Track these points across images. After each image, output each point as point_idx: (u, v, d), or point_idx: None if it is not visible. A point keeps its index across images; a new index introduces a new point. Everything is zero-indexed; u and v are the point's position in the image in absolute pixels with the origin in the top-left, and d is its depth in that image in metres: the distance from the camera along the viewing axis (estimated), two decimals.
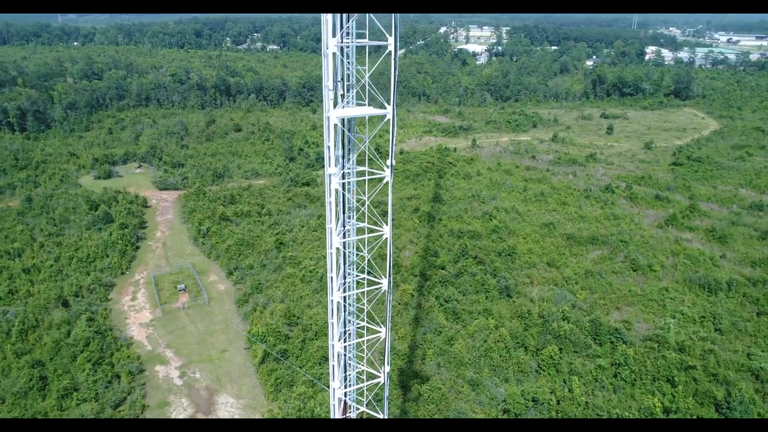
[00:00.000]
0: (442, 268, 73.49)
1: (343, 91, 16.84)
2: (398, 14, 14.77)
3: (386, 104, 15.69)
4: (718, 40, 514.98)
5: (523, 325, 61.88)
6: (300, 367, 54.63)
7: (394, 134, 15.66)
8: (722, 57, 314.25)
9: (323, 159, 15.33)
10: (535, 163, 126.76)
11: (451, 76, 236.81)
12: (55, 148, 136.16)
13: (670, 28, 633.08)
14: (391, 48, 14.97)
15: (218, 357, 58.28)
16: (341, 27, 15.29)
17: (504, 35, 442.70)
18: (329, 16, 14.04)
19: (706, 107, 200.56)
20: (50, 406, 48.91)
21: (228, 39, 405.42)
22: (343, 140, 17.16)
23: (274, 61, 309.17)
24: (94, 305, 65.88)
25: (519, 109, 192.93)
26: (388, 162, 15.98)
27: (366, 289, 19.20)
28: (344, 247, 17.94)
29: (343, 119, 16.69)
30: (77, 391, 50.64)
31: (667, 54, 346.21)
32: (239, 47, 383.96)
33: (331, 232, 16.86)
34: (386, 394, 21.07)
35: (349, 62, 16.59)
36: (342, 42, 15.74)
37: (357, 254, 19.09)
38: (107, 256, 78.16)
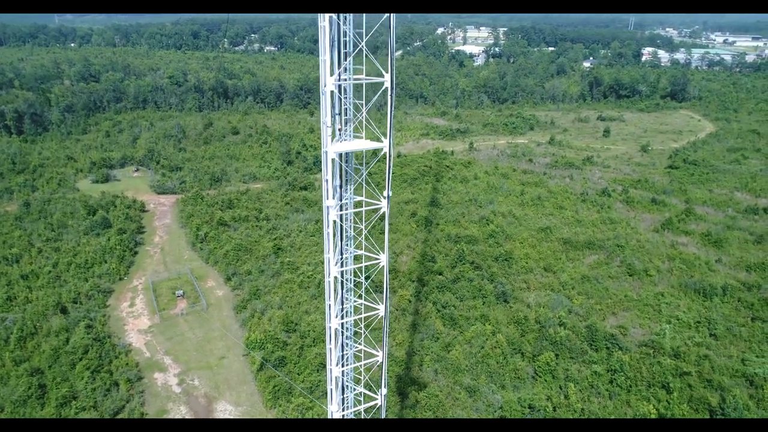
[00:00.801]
0: (440, 274, 73.85)
1: (341, 125, 17.16)
2: (394, 54, 15.07)
3: (382, 137, 16.02)
4: (715, 40, 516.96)
5: (520, 331, 62.28)
6: (298, 374, 54.90)
7: (391, 166, 15.99)
8: (718, 58, 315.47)
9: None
10: (532, 167, 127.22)
11: (449, 78, 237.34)
12: (52, 152, 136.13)
13: (667, 29, 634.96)
14: (387, 85, 15.30)
15: (217, 364, 58.52)
16: (339, 65, 15.60)
17: (501, 36, 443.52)
18: (327, 56, 14.39)
19: (702, 109, 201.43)
20: (49, 414, 49.10)
21: (226, 40, 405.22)
22: (341, 172, 17.45)
23: (272, 62, 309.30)
24: (92, 312, 66.04)
25: (516, 111, 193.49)
26: (385, 193, 16.31)
27: (363, 315, 19.51)
28: (342, 276, 18.28)
29: (341, 153, 17.02)
30: (76, 400, 50.83)
31: (663, 55, 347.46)
32: (236, 48, 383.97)
33: (329, 262, 17.19)
34: (383, 415, 21.33)
35: (346, 98, 16.91)
36: (339, 80, 16.04)
37: (354, 280, 19.41)
38: (105, 262, 78.30)
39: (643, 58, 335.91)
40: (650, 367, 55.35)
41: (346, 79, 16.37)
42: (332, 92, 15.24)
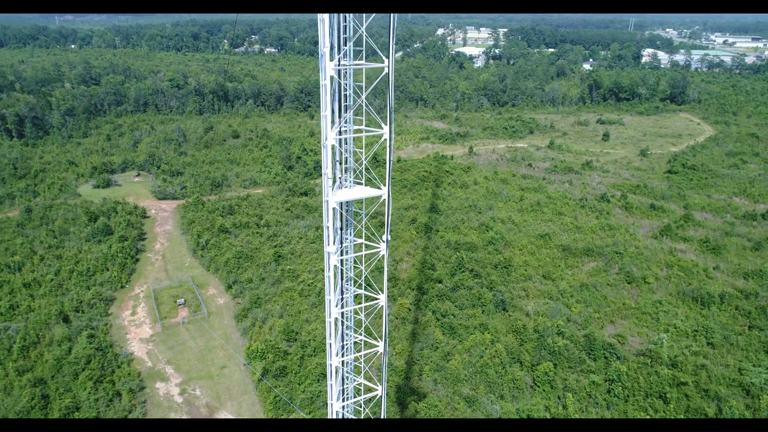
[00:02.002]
0: (439, 282, 74.33)
1: (342, 173, 17.66)
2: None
3: (381, 186, 16.51)
4: (714, 41, 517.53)
5: (519, 340, 62.78)
6: (299, 384, 55.40)
7: (389, 210, 16.45)
8: (718, 60, 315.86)
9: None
10: (532, 171, 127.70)
11: (448, 81, 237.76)
12: (53, 156, 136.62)
13: (667, 30, 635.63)
14: (386, 136, 15.80)
15: (218, 373, 59.02)
16: (339, 118, 16.07)
17: (501, 37, 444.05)
18: (328, 111, 14.87)
19: (701, 112, 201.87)
20: None
21: (226, 41, 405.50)
22: (341, 216, 17.95)
23: (272, 64, 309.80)
24: (94, 320, 66.55)
25: (516, 114, 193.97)
26: (384, 237, 16.80)
27: (363, 353, 19.96)
28: (342, 317, 18.77)
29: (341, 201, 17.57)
30: (79, 410, 51.34)
31: (663, 56, 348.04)
32: (237, 50, 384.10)
33: (329, 303, 17.67)
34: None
35: (346, 149, 17.37)
36: (340, 133, 16.57)
37: (354, 317, 19.93)
38: (107, 270, 78.81)
39: (643, 60, 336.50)
40: (648, 377, 55.85)
41: (346, 131, 16.90)
42: (333, 146, 15.77)
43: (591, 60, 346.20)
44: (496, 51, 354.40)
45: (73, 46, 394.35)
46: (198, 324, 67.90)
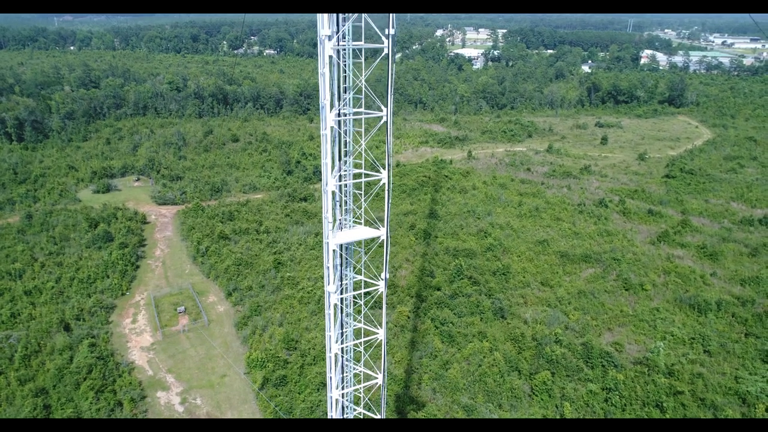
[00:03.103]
0: (438, 289, 74.81)
1: (341, 214, 18.12)
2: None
3: (380, 225, 16.98)
4: (713, 42, 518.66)
5: (517, 348, 63.26)
6: (299, 393, 55.85)
7: (388, 251, 16.91)
8: (716, 62, 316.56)
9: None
10: (530, 176, 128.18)
11: (447, 84, 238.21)
12: (53, 160, 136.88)
13: (666, 30, 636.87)
14: (384, 180, 16.25)
15: (218, 382, 59.46)
16: (339, 161, 16.48)
17: (500, 38, 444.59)
18: (329, 159, 15.35)
19: (699, 115, 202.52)
20: None
21: (225, 43, 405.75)
22: (341, 258, 18.39)
23: (271, 66, 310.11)
24: (95, 329, 66.98)
25: (515, 117, 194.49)
26: (383, 275, 17.27)
27: (363, 385, 20.40)
28: (342, 352, 19.25)
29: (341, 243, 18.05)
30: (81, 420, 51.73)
31: (661, 58, 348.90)
32: (236, 52, 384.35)
33: (330, 339, 18.13)
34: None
35: (346, 197, 17.86)
36: (340, 180, 17.05)
37: (354, 350, 20.38)
38: (108, 277, 79.20)
39: (642, 61, 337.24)
40: (644, 386, 56.35)
41: (346, 175, 17.34)
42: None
43: (590, 62, 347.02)
44: (495, 53, 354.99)
45: (72, 47, 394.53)
46: (198, 332, 68.32)
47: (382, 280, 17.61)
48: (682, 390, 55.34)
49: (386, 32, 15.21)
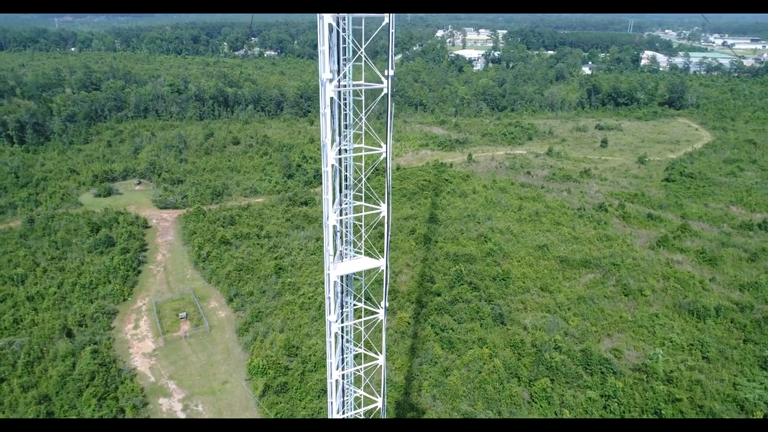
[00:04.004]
0: (438, 295, 75.16)
1: (342, 245, 18.56)
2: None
3: (379, 256, 17.37)
4: (713, 43, 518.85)
5: (517, 354, 63.62)
6: (300, 400, 56.24)
7: (387, 282, 17.28)
8: (716, 64, 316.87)
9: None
10: (530, 179, 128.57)
11: (448, 86, 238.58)
12: (54, 164, 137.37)
13: (666, 31, 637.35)
14: (383, 213, 16.66)
15: (220, 389, 59.85)
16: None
17: (500, 39, 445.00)
18: (330, 195, 15.74)
19: (699, 117, 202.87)
20: None
21: (225, 44, 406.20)
22: (342, 291, 18.81)
23: (272, 67, 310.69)
24: (97, 335, 67.36)
25: (515, 119, 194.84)
26: (382, 303, 17.65)
27: (362, 409, 20.81)
28: (343, 378, 19.67)
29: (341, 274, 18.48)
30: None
31: (662, 59, 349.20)
32: (236, 53, 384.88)
33: (331, 366, 18.52)
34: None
35: (347, 232, 18.28)
36: (340, 215, 17.43)
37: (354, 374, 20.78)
38: (109, 282, 79.59)
39: (642, 62, 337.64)
40: (643, 393, 56.71)
41: (346, 209, 17.78)
42: (334, 227, 16.56)
43: (590, 63, 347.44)
44: (496, 54, 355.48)
45: (73, 48, 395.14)
46: (200, 338, 68.73)
47: (382, 308, 18.00)
48: (680, 397, 55.70)
49: (386, 73, 15.64)
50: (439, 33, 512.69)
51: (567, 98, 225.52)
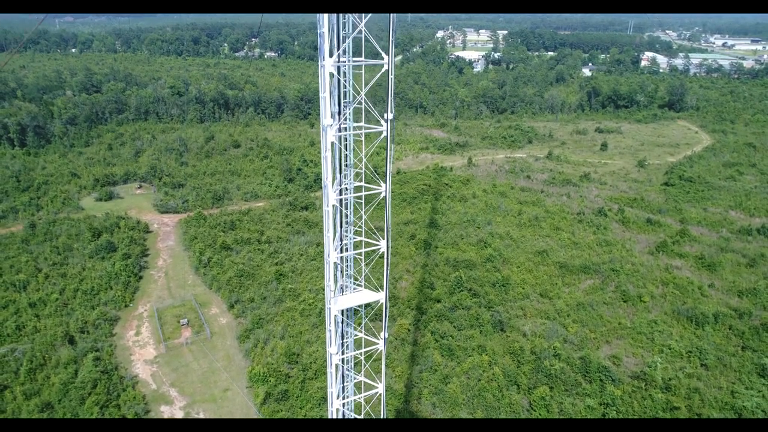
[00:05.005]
0: (438, 301, 75.54)
1: (342, 277, 18.95)
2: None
3: (379, 289, 17.75)
4: (714, 44, 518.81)
5: (516, 362, 64.01)
6: (300, 408, 56.64)
7: (387, 314, 17.65)
8: (717, 65, 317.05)
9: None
10: (530, 184, 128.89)
11: (448, 88, 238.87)
12: (56, 167, 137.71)
13: (666, 31, 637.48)
14: (383, 249, 17.08)
15: (221, 396, 60.26)
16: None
17: (501, 40, 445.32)
18: (331, 233, 16.14)
19: (699, 119, 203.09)
20: None
21: (226, 45, 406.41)
22: (342, 322, 19.22)
23: (272, 69, 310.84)
24: (99, 341, 67.75)
25: (515, 122, 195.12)
26: (382, 334, 18.02)
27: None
28: (343, 407, 20.10)
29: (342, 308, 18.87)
30: None
31: (662, 60, 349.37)
32: (237, 54, 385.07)
33: (332, 395, 18.90)
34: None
35: (347, 267, 18.69)
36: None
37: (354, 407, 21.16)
38: (111, 288, 80.00)
39: (642, 64, 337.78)
40: (642, 401, 57.11)
41: (347, 242, 18.20)
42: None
43: (590, 64, 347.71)
44: (496, 55, 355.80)
45: (73, 50, 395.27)
46: (201, 345, 69.12)
47: (382, 339, 18.38)
48: (678, 405, 56.09)
49: (385, 116, 15.99)
50: (440, 34, 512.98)
51: (567, 100, 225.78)
